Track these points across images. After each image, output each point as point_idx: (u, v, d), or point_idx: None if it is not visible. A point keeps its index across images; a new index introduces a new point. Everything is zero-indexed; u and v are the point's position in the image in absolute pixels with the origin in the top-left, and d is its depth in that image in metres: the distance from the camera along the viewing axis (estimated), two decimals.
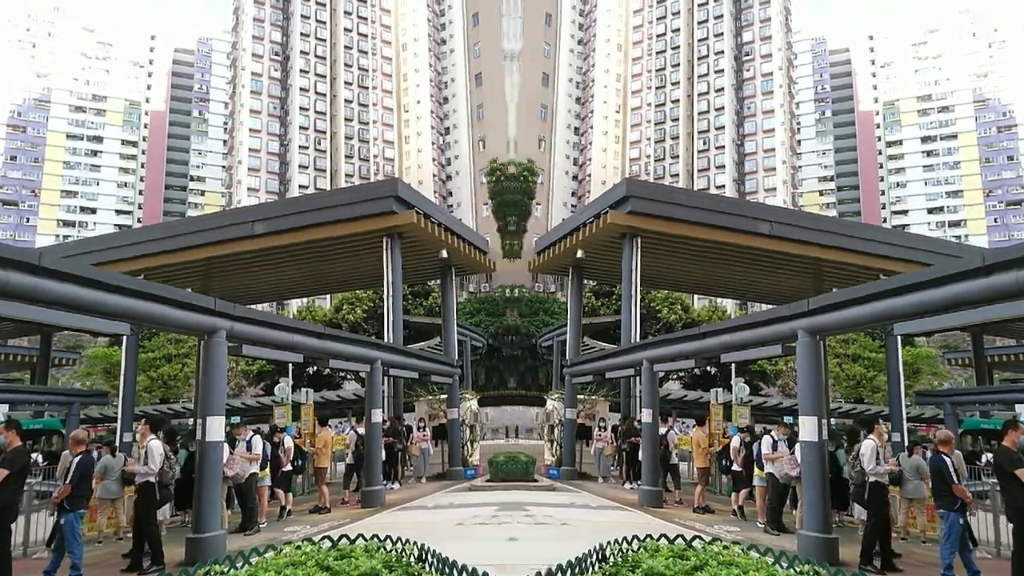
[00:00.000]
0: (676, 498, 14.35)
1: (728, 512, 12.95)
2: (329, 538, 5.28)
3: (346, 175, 74.57)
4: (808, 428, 9.18)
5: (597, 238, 19.29)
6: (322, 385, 32.40)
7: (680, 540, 5.43)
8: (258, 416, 20.15)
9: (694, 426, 17.21)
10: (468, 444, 20.12)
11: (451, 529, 10.83)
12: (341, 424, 14.79)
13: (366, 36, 78.73)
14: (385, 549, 5.17)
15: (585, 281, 24.57)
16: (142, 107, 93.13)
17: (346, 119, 76.42)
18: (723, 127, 76.81)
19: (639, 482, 15.61)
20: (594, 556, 5.29)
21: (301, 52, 75.37)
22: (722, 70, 78.04)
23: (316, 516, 12.39)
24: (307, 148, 74.03)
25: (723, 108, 77.22)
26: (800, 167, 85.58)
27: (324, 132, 75.38)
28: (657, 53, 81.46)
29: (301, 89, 74.96)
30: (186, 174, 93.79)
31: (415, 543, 5.37)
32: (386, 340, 17.47)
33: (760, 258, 20.00)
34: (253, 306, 23.53)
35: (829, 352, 23.86)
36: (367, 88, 78.26)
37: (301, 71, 75.31)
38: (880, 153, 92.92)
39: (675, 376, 40.22)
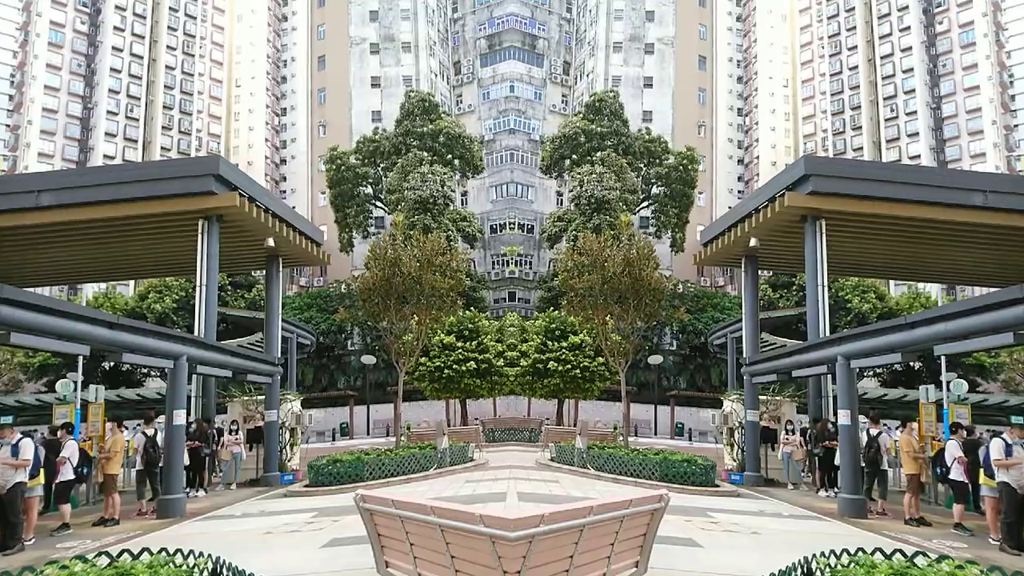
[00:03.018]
0: (879, 508, 12.78)
1: (948, 525, 11.28)
2: (107, 554, 4.69)
3: (162, 148, 67.32)
4: None
5: (772, 224, 17.76)
6: (120, 382, 31.36)
7: (899, 556, 4.67)
8: (37, 416, 19.35)
9: (897, 427, 15.34)
10: (287, 448, 18.60)
11: (260, 539, 9.97)
12: (140, 426, 13.52)
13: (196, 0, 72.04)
14: (174, 564, 4.66)
15: (760, 272, 22.84)
16: None
17: (166, 87, 68.92)
18: (913, 90, 68.17)
19: (835, 489, 14.23)
20: (799, 571, 4.68)
21: (116, 7, 66.97)
22: (908, 27, 69.33)
23: (101, 529, 11.00)
24: (116, 114, 65.60)
25: (912, 70, 68.54)
26: (1016, 126, 73.46)
27: (138, 99, 67.25)
28: (829, 18, 74.36)
29: (114, 48, 66.23)
30: None
31: (209, 556, 4.89)
32: (196, 334, 15.79)
33: (973, 234, 17.25)
34: (38, 289, 22.36)
35: None
36: (193, 56, 70.97)
37: (115, 28, 66.66)
38: None
39: (870, 373, 36.29)
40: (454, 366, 27.32)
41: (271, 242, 17.91)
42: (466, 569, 4.42)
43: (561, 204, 54.57)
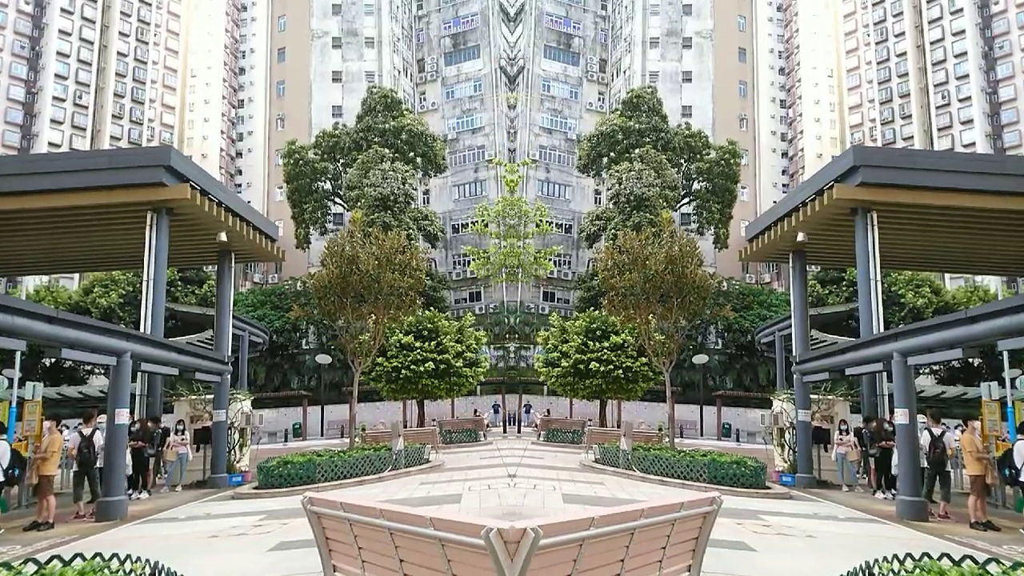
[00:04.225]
0: (942, 511, 12.26)
1: (1018, 529, 10.77)
2: (35, 561, 4.42)
3: (112, 137, 65.05)
4: None
5: (821, 217, 17.25)
6: (63, 379, 30.52)
7: (969, 562, 4.43)
8: None
9: (957, 427, 14.75)
10: (236, 449, 18.01)
11: (204, 542, 9.58)
12: (80, 425, 13.06)
13: None
14: (109, 569, 4.39)
15: (808, 267, 22.22)
16: None
17: (118, 74, 66.88)
18: (966, 76, 65.53)
19: (893, 491, 13.74)
20: None
21: None
22: (960, 9, 66.68)
23: (33, 534, 10.46)
24: (63, 101, 63.54)
25: (965, 54, 65.88)
26: None
27: (87, 85, 65.07)
28: (874, 4, 72.08)
29: (61, 32, 64.15)
30: None
31: (147, 561, 4.69)
32: (142, 330, 15.37)
33: None
34: None
35: None
36: (147, 44, 68.85)
37: (63, 10, 64.47)
38: None
39: (926, 370, 34.96)
40: (412, 367, 26.57)
41: (223, 236, 17.33)
42: (415, 573, 4.31)
43: (599, 203, 54.17)
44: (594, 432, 22.57)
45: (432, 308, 33.32)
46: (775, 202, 35.24)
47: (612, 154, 47.10)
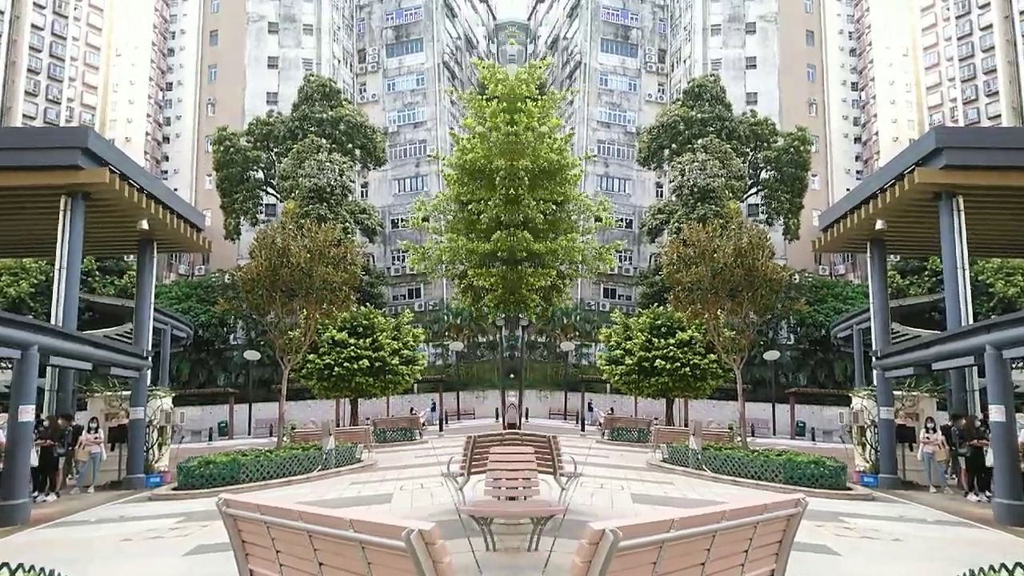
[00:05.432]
0: None
1: None
2: None
3: (25, 116, 61.27)
4: None
5: (901, 204, 16.36)
6: None
7: None
8: None
9: None
10: (155, 448, 17.09)
11: (115, 547, 9.10)
12: None
13: None
14: None
15: (887, 257, 21.13)
16: None
17: (32, 49, 62.36)
18: None
19: (987, 493, 12.91)
20: None
21: None
22: None
23: None
24: None
25: None
26: None
27: None
28: None
29: None
30: None
31: (42, 570, 4.41)
32: (52, 322, 14.52)
33: None
34: None
35: None
36: (66, 18, 64.25)
37: None
38: None
39: (1020, 364, 32.72)
40: (345, 364, 25.62)
41: (145, 225, 16.51)
42: None
43: (661, 196, 53.15)
44: (661, 431, 22.11)
45: (368, 304, 31.75)
46: (848, 190, 33.67)
47: (674, 145, 46.12)
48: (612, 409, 37.40)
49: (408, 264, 24.14)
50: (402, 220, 50.49)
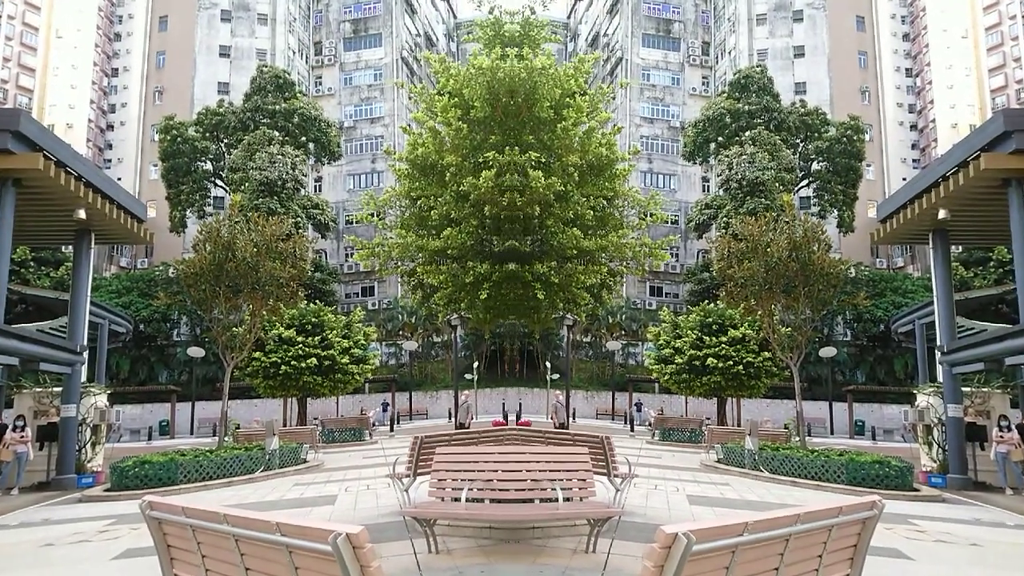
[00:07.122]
0: None
1: None
2: None
3: None
4: None
5: (965, 192, 15.58)
6: None
7: None
8: None
9: None
10: (88, 448, 16.31)
11: (36, 552, 8.66)
12: None
13: None
14: None
15: (950, 248, 20.23)
16: None
17: None
18: None
19: None
20: None
21: None
22: None
23: None
24: None
25: None
26: None
27: None
28: None
29: None
30: None
31: None
32: None
33: None
34: None
35: None
36: None
37: None
38: None
39: None
40: (293, 362, 24.81)
41: (82, 214, 15.86)
42: None
43: (707, 190, 52.19)
44: (715, 431, 21.66)
45: (319, 301, 31.00)
46: (904, 179, 32.42)
47: (720, 139, 45.22)
48: (662, 409, 36.89)
49: (356, 259, 23.63)
50: (356, 217, 50.58)
